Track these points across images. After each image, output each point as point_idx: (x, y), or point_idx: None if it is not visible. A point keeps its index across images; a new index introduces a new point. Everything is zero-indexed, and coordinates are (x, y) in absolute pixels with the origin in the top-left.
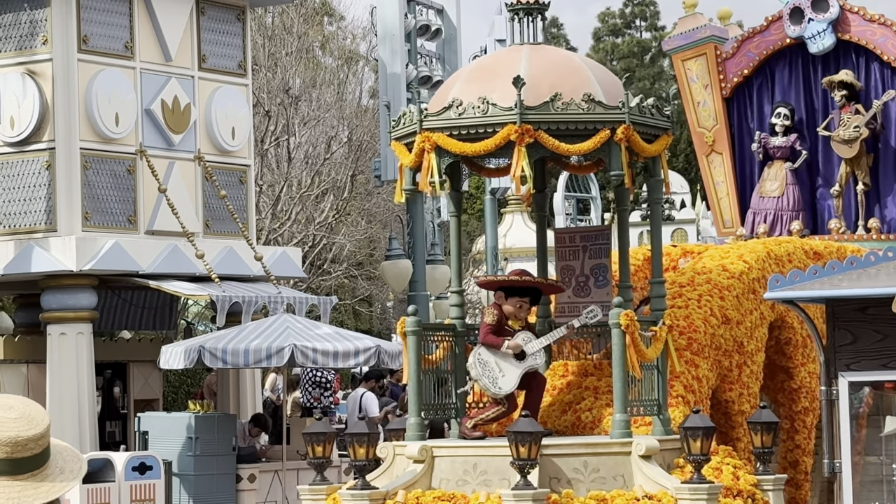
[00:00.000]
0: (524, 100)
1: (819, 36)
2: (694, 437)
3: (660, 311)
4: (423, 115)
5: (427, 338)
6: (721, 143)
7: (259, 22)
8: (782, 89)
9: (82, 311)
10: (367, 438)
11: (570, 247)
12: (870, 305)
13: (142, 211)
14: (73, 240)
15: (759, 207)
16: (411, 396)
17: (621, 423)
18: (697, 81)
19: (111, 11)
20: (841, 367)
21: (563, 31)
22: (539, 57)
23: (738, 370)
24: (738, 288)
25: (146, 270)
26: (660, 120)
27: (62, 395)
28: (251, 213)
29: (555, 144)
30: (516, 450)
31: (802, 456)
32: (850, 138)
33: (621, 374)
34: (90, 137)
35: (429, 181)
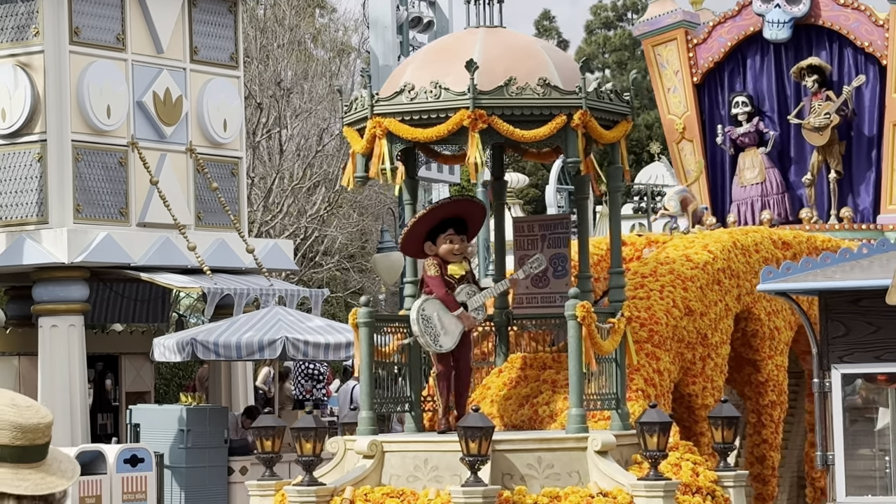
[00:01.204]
0: (478, 84)
1: (777, 25)
2: (650, 433)
3: (618, 303)
4: (374, 101)
5: (381, 329)
6: (692, 130)
7: (251, 14)
8: (753, 76)
9: (74, 303)
10: (314, 433)
11: (529, 236)
12: (863, 297)
13: (133, 203)
14: (64, 232)
15: (741, 197)
16: (363, 389)
17: (577, 418)
18: (668, 67)
19: (103, 3)
20: (834, 360)
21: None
22: (495, 40)
23: (702, 363)
24: (702, 279)
25: (138, 263)
26: (619, 105)
27: (54, 388)
28: (243, 205)
29: (509, 130)
30: (466, 445)
31: (770, 451)
32: (821, 125)
33: (577, 368)
34: (82, 129)
35: (380, 168)
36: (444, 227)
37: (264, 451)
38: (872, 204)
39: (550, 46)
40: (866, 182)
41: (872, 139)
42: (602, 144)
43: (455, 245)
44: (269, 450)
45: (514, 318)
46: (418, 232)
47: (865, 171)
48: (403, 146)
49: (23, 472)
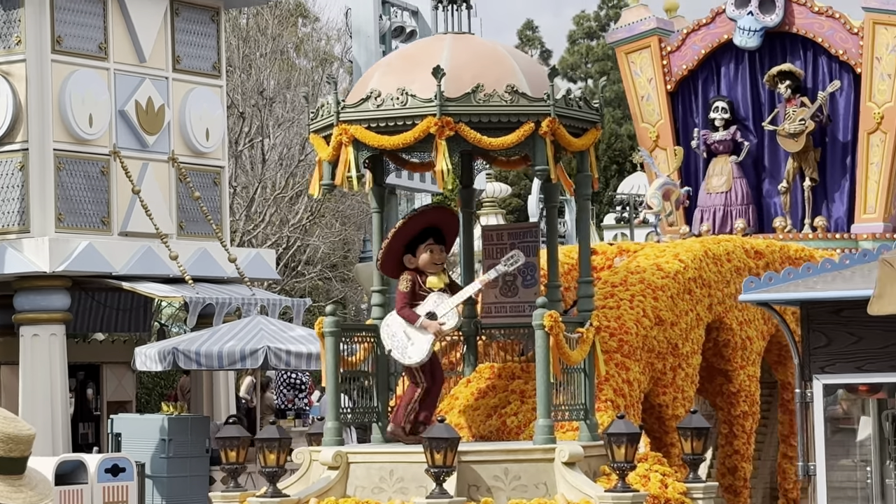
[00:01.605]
0: (445, 91)
1: (748, 33)
2: (618, 444)
3: (587, 312)
4: (341, 107)
5: (347, 339)
6: (665, 139)
7: (233, 23)
8: (728, 83)
9: (55, 312)
10: (277, 444)
11: (498, 244)
12: (844, 308)
13: (115, 212)
14: (46, 241)
15: (706, 204)
16: (329, 400)
17: (544, 429)
18: (641, 75)
19: (85, 12)
20: (815, 370)
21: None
22: (462, 47)
23: (673, 373)
24: (672, 288)
25: (119, 272)
26: (588, 113)
27: (35, 397)
28: (225, 214)
29: (477, 138)
30: (431, 457)
31: (741, 462)
32: (796, 132)
33: (545, 378)
34: (64, 138)
35: (346, 176)
36: (423, 237)
37: (228, 461)
38: (847, 213)
39: (519, 53)
40: (841, 191)
41: (847, 148)
42: (571, 152)
43: (435, 254)
44: (234, 460)
45: (482, 327)
46: (397, 246)
47: (840, 181)
48: (370, 153)
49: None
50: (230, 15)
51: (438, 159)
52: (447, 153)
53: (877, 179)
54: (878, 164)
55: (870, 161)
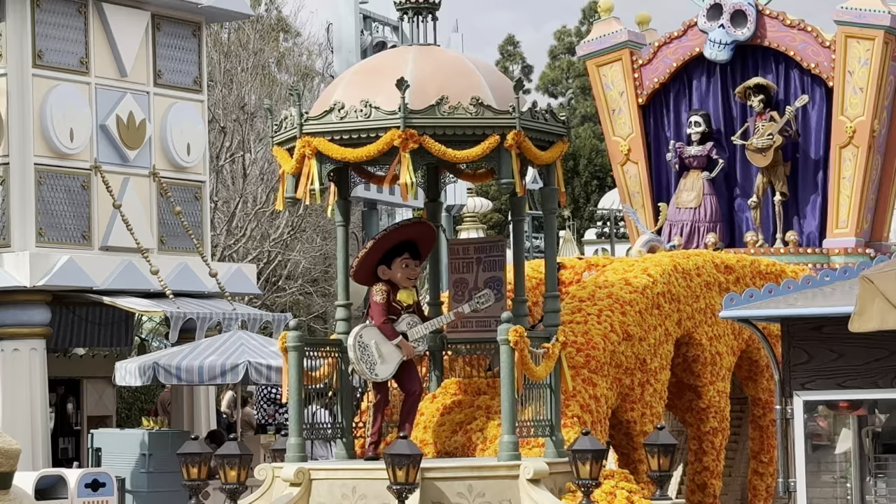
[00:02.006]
0: (409, 103)
1: (719, 45)
2: (583, 461)
3: (553, 327)
4: (304, 119)
5: (310, 354)
6: (636, 153)
7: (215, 38)
8: (700, 97)
9: (36, 327)
10: (238, 460)
11: (464, 258)
12: (825, 324)
13: (96, 227)
14: (26, 255)
15: (675, 219)
16: (292, 416)
17: (509, 445)
18: (612, 88)
19: (66, 26)
20: (796, 387)
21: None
22: (427, 59)
23: (641, 389)
24: (641, 303)
25: (100, 286)
26: (555, 126)
27: (15, 412)
28: (206, 229)
29: (441, 150)
30: (393, 473)
31: (711, 478)
32: (764, 146)
33: (510, 394)
34: (45, 153)
35: (309, 189)
36: (399, 250)
37: (190, 478)
38: (818, 228)
39: (485, 65)
40: (812, 205)
41: (819, 162)
42: (538, 165)
43: (410, 269)
44: (195, 477)
45: (448, 342)
46: (373, 258)
47: (811, 195)
48: (334, 166)
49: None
50: (212, 29)
51: (403, 172)
52: (411, 166)
53: (849, 194)
54: (850, 178)
55: (842, 175)
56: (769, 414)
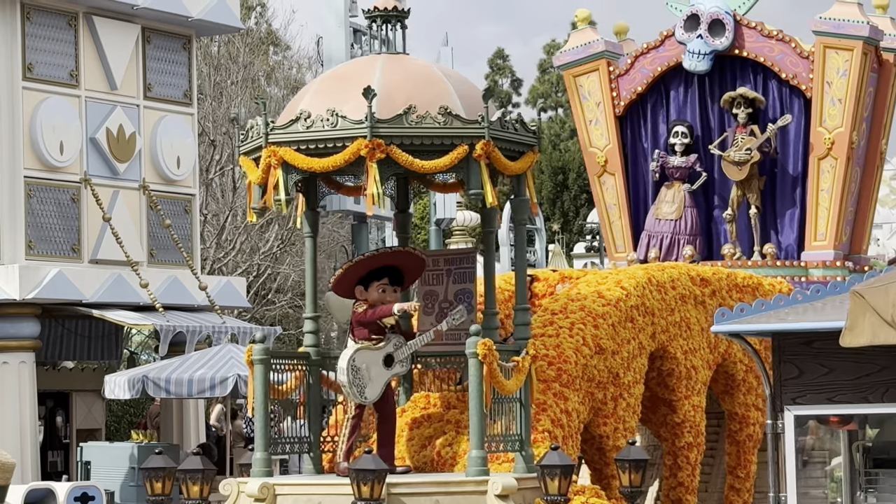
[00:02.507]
0: (376, 112)
1: (698, 56)
2: (552, 476)
3: (523, 340)
4: (270, 129)
5: (277, 367)
6: (613, 164)
7: (205, 51)
8: (677, 108)
9: (25, 339)
10: (200, 476)
11: (434, 271)
12: (815, 339)
13: (86, 240)
14: (16, 268)
15: (654, 230)
16: (258, 430)
17: (477, 460)
18: (589, 99)
19: (56, 39)
20: (787, 401)
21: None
22: (395, 67)
23: (614, 403)
24: (614, 316)
25: (90, 299)
26: (525, 136)
27: (4, 425)
28: (196, 242)
29: (408, 160)
30: (358, 489)
31: (686, 494)
32: (741, 161)
33: (478, 408)
34: (34, 165)
35: (275, 199)
36: (380, 274)
37: (154, 493)
38: (797, 240)
39: (455, 74)
40: (790, 218)
41: (797, 174)
42: (508, 176)
43: (386, 295)
44: (159, 492)
45: (418, 355)
46: (355, 275)
47: (789, 207)
48: (300, 176)
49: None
50: (201, 43)
51: (369, 182)
52: (378, 176)
53: (827, 206)
54: (829, 190)
55: (820, 187)
56: (745, 429)
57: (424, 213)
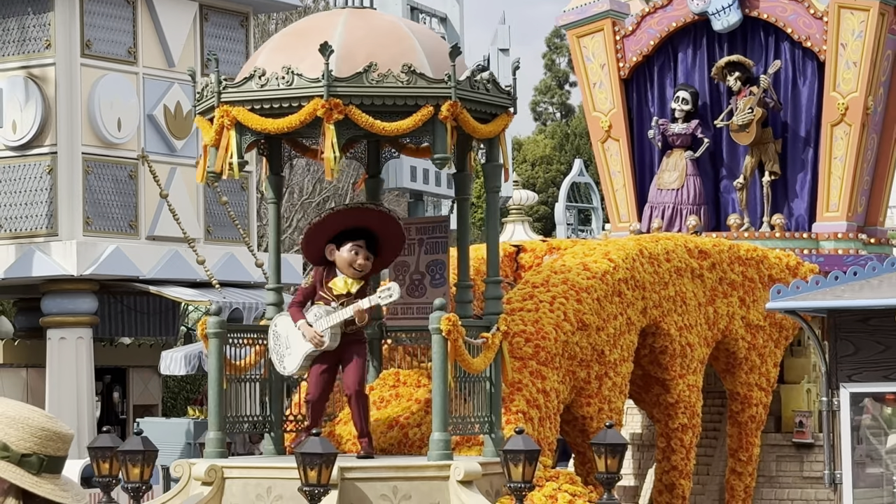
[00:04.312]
0: (335, 70)
1: (724, 12)
2: (515, 462)
3: (494, 315)
4: (222, 87)
5: (235, 341)
6: (618, 129)
7: (262, 28)
8: (685, 71)
9: (82, 315)
10: (141, 457)
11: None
12: (872, 316)
13: (143, 216)
14: (73, 244)
15: (656, 201)
16: (212, 408)
17: (439, 444)
18: (594, 61)
19: (114, 17)
20: (842, 378)
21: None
22: (359, 23)
23: (598, 382)
24: (599, 289)
25: (147, 276)
26: (498, 97)
27: (61, 400)
28: (252, 219)
29: (369, 122)
30: (304, 474)
31: (680, 478)
32: (745, 122)
33: (442, 388)
34: (92, 142)
35: (227, 162)
36: (355, 235)
37: (101, 474)
38: (808, 211)
39: (424, 30)
40: (801, 187)
41: (809, 141)
42: (479, 139)
43: (358, 258)
44: (106, 473)
45: (387, 330)
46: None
47: (801, 176)
48: (254, 138)
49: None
50: (259, 20)
51: (326, 145)
52: (336, 138)
53: (840, 175)
54: (842, 158)
55: (833, 155)
56: (748, 409)
57: (481, 192)
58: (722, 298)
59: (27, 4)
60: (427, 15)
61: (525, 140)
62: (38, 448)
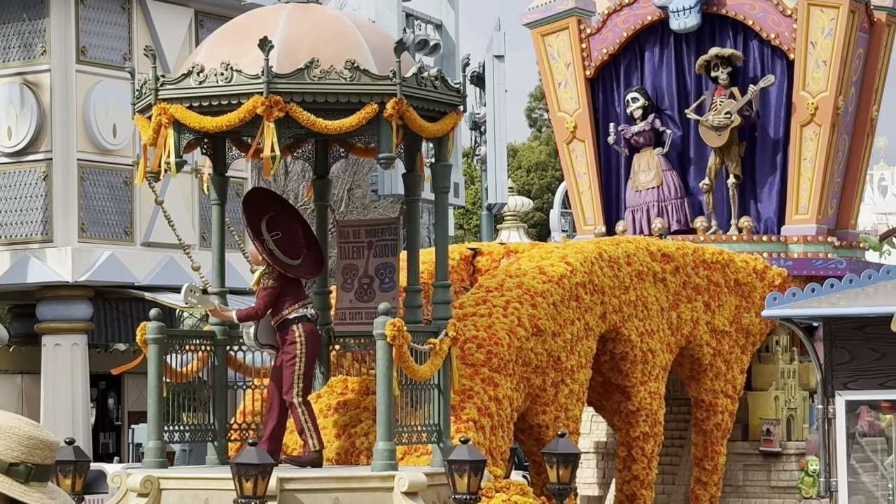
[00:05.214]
0: (276, 67)
1: (684, 13)
2: (460, 473)
3: (443, 320)
4: (159, 84)
5: (177, 347)
6: (584, 130)
7: None
8: (652, 70)
9: (77, 322)
10: (73, 467)
11: (354, 243)
12: (867, 324)
13: (138, 222)
14: (69, 251)
15: (636, 203)
16: (151, 416)
17: (384, 453)
18: (559, 60)
19: (110, 23)
20: (838, 386)
21: None
22: (302, 18)
23: (554, 390)
24: (555, 294)
25: (142, 282)
26: (446, 95)
27: (56, 406)
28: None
29: (310, 120)
30: (240, 485)
31: (641, 488)
32: (721, 125)
33: (386, 395)
34: (87, 148)
35: (165, 161)
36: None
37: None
38: (777, 213)
39: (370, 26)
40: (770, 189)
41: (778, 141)
42: (427, 138)
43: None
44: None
45: (335, 335)
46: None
47: (770, 177)
48: (193, 136)
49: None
50: None
51: (266, 144)
52: (276, 137)
53: (810, 177)
54: (812, 159)
55: (803, 156)
56: (713, 417)
57: (476, 199)
58: (686, 303)
59: (22, 11)
60: (423, 22)
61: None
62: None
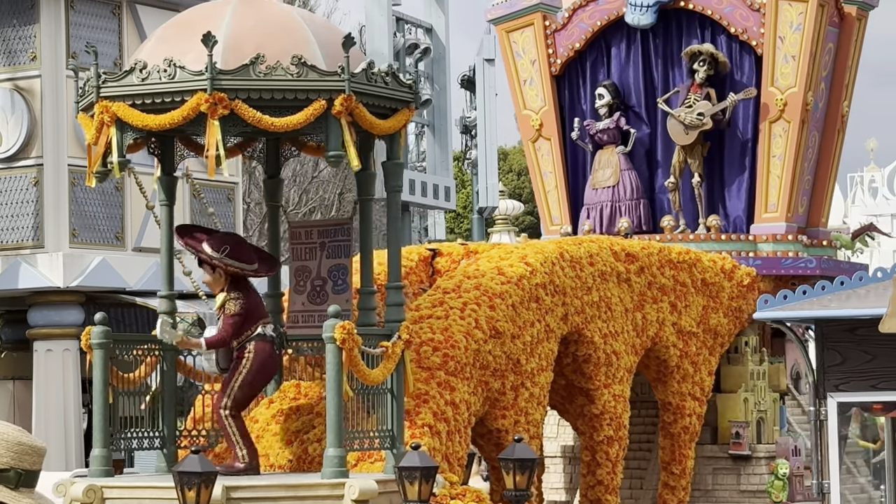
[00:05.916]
0: (219, 62)
1: (640, 9)
2: (411, 480)
3: (395, 323)
4: (101, 81)
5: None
6: (549, 128)
7: None
8: (619, 66)
9: (69, 327)
10: None
11: (307, 244)
12: (859, 326)
13: (129, 228)
14: (60, 256)
15: (592, 201)
16: (96, 423)
17: (334, 460)
18: (524, 56)
19: (100, 28)
20: (830, 388)
21: None
22: (248, 12)
23: (514, 393)
24: (515, 295)
25: (133, 287)
26: (398, 91)
27: (48, 412)
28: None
29: (256, 117)
30: (182, 494)
31: (606, 494)
32: (692, 125)
33: (336, 400)
34: (78, 154)
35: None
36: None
37: None
38: (746, 212)
39: (320, 21)
40: (739, 187)
41: (747, 139)
42: (378, 136)
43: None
44: None
45: (288, 339)
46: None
47: (738, 175)
48: (137, 135)
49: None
50: None
51: (210, 142)
52: (220, 135)
53: (779, 174)
54: (781, 156)
55: (771, 153)
56: (680, 420)
57: (468, 203)
58: (651, 304)
59: (12, 17)
60: (413, 25)
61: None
62: (14, 463)
